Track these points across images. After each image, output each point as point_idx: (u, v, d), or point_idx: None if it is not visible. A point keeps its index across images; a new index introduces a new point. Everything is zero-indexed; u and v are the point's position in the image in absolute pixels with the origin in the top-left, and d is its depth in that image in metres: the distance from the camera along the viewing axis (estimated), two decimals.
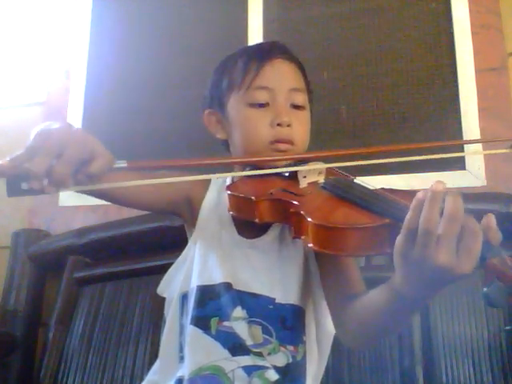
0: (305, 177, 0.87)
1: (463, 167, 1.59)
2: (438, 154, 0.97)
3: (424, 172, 1.60)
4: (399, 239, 0.63)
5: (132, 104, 1.96)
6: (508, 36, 1.62)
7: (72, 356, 1.52)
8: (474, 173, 1.57)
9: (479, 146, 1.58)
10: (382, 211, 0.71)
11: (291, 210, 0.80)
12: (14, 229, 1.78)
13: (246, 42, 1.84)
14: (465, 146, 1.59)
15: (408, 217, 0.61)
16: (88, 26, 2.08)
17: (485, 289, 0.60)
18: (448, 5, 1.72)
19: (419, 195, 0.60)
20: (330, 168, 0.89)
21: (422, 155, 0.87)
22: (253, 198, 0.84)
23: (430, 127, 1.65)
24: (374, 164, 0.91)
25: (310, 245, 0.75)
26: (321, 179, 0.87)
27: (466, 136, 1.60)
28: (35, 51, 2.08)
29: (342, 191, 0.81)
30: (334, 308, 0.89)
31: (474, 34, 1.65)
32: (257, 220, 0.85)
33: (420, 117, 1.66)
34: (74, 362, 1.51)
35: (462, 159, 1.59)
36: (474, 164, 1.57)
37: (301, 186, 0.86)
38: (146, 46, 2.02)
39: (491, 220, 0.60)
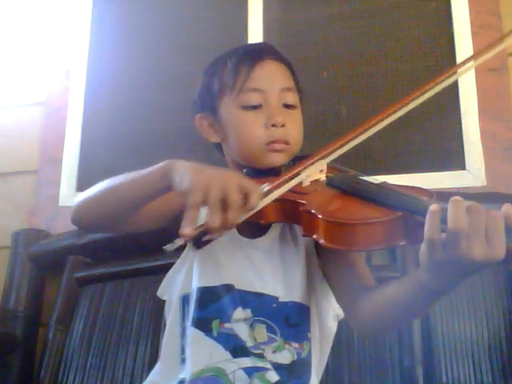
0: (307, 175, 0.88)
1: (463, 167, 1.59)
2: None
3: (424, 172, 1.60)
4: (423, 250, 0.64)
5: (132, 104, 1.96)
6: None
7: (72, 356, 1.52)
8: (473, 173, 1.57)
9: (477, 145, 1.58)
10: (393, 204, 0.72)
11: (300, 208, 0.80)
12: (14, 229, 1.77)
13: (246, 42, 1.83)
14: (464, 140, 1.60)
15: (427, 228, 0.63)
16: (88, 26, 2.08)
17: None
18: (448, 5, 1.72)
19: (432, 208, 0.63)
20: (330, 165, 0.90)
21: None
22: None
23: (430, 127, 1.65)
24: (373, 164, 0.91)
25: (323, 242, 0.76)
26: (322, 177, 0.88)
27: (466, 136, 1.60)
28: (35, 51, 2.07)
29: (349, 187, 0.81)
30: (346, 301, 0.90)
31: (474, 34, 1.65)
32: (262, 221, 0.85)
33: (420, 117, 1.66)
34: (74, 362, 1.51)
35: (462, 159, 1.59)
36: (474, 164, 1.57)
37: (304, 185, 0.86)
38: (146, 46, 2.02)
39: (509, 209, 0.63)
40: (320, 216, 0.75)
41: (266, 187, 0.76)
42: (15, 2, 2.15)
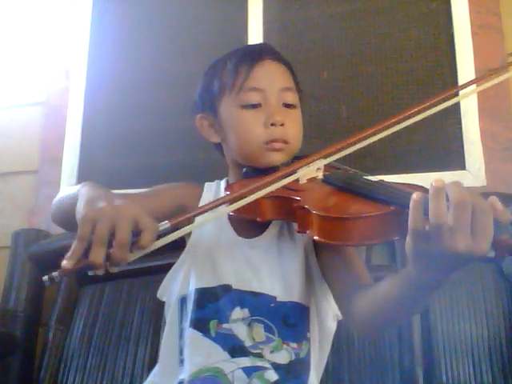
0: (304, 174, 0.88)
1: (463, 167, 1.59)
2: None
3: (424, 172, 1.60)
4: (408, 241, 0.63)
5: (132, 104, 1.96)
6: (508, 36, 1.62)
7: (72, 356, 1.52)
8: (473, 173, 1.57)
9: (478, 147, 1.58)
10: (387, 199, 0.72)
11: (294, 205, 0.80)
12: (14, 229, 1.77)
13: (246, 42, 1.83)
14: (464, 140, 1.60)
15: (411, 218, 0.61)
16: (88, 25, 2.08)
17: (501, 264, 0.62)
18: (448, 5, 1.72)
19: (414, 196, 0.61)
20: (327, 164, 0.90)
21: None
22: None
23: (429, 127, 1.65)
24: (373, 164, 0.91)
25: (316, 237, 0.76)
26: (319, 175, 0.88)
27: (466, 136, 1.60)
28: (35, 51, 2.07)
29: (344, 183, 0.82)
30: (343, 300, 0.90)
31: (474, 34, 1.65)
32: (258, 219, 0.86)
33: None
34: (74, 362, 1.51)
35: (462, 159, 1.59)
36: (474, 164, 1.57)
37: (300, 183, 0.86)
38: (146, 46, 2.02)
39: (495, 201, 0.61)
40: (313, 211, 0.76)
41: (167, 224, 0.71)
42: (15, 2, 2.15)
